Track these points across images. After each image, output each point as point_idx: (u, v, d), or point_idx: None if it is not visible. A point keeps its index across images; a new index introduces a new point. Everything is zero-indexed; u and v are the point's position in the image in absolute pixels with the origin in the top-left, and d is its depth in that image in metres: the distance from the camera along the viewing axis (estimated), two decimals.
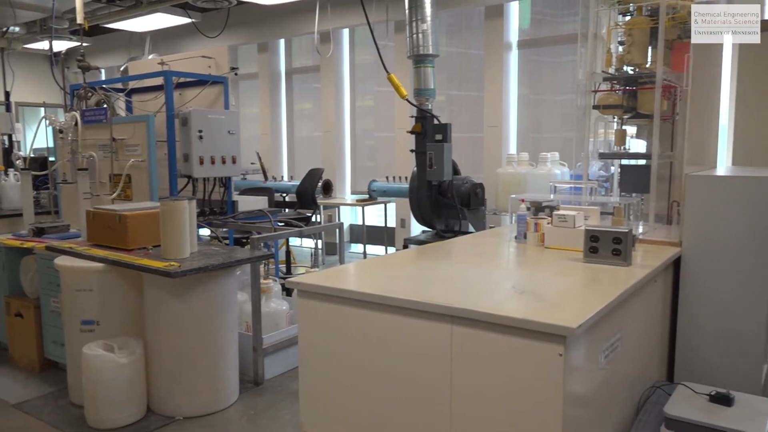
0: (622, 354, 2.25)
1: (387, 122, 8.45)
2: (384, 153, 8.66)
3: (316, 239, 7.78)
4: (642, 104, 3.35)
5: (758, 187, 2.69)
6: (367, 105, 9.00)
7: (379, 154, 8.83)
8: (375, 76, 8.50)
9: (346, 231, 9.07)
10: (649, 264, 2.56)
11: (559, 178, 5.51)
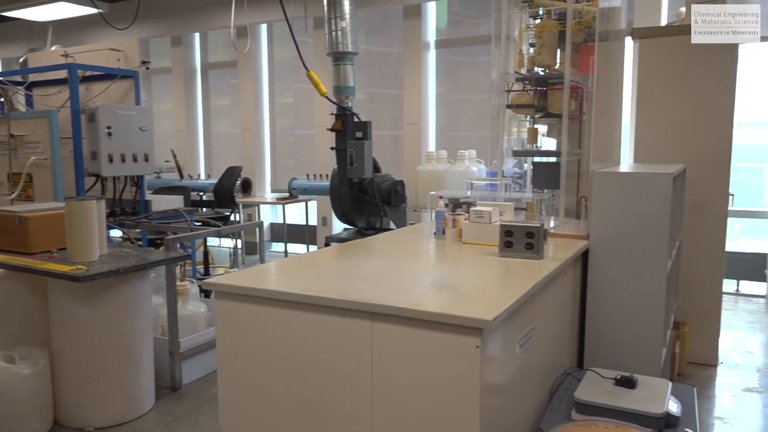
0: (536, 343, 2.34)
1: (307, 120, 8.38)
2: (304, 151, 8.59)
3: (235, 239, 7.60)
4: (552, 104, 3.49)
5: (656, 183, 2.87)
6: (287, 102, 8.89)
7: (300, 151, 8.75)
8: (294, 72, 8.40)
9: (267, 230, 8.93)
10: (560, 257, 2.67)
11: (476, 175, 5.67)
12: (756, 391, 3.82)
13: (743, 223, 7.37)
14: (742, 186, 13.63)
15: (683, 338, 4.03)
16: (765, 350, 4.57)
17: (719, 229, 4.15)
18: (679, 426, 2.22)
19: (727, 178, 4.10)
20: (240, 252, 7.66)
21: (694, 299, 4.17)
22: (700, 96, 4.08)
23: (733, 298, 6.05)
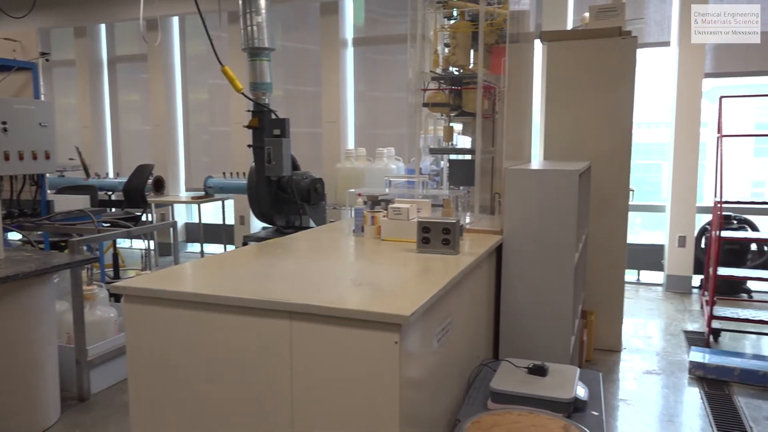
0: (453, 337, 2.40)
1: (222, 116, 8.17)
2: (220, 148, 8.37)
3: (148, 240, 7.29)
4: (466, 103, 3.59)
5: (563, 180, 3.01)
6: (201, 98, 8.62)
7: (215, 149, 8.51)
8: (209, 68, 8.16)
9: (181, 230, 8.63)
10: (475, 252, 2.75)
11: (395, 173, 5.73)
12: (655, 374, 4.09)
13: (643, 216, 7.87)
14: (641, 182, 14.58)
15: (590, 326, 4.25)
16: (663, 335, 4.91)
17: (621, 223, 4.41)
18: (587, 409, 2.35)
19: (627, 174, 4.36)
20: (153, 254, 7.36)
21: (599, 289, 4.42)
22: (603, 97, 4.32)
23: (635, 287, 6.45)
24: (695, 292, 6.17)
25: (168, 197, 7.98)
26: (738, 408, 3.53)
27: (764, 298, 5.69)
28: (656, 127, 9.07)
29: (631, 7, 5.58)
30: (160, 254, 7.75)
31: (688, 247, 6.18)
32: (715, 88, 6.66)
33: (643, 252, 6.60)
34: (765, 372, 3.82)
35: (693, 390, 3.82)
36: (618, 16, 4.32)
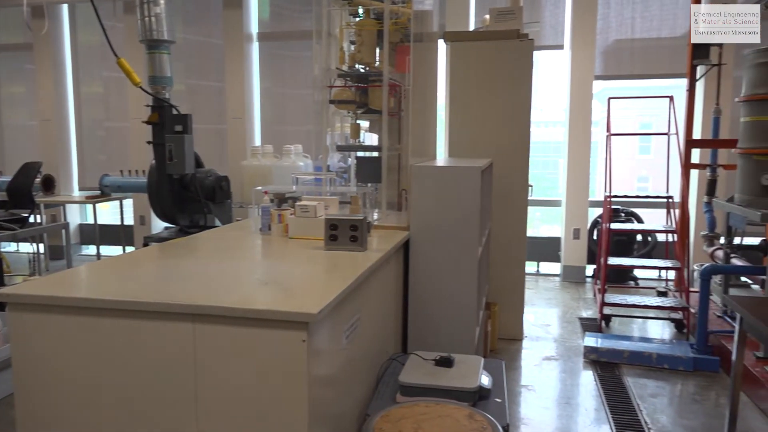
0: (362, 333, 2.42)
1: (120, 111, 7.76)
2: (117, 145, 7.94)
3: (36, 243, 6.80)
4: (372, 101, 3.62)
5: (467, 176, 3.11)
6: (96, 92, 8.13)
7: (112, 146, 8.06)
8: (103, 59, 7.72)
9: (75, 232, 8.12)
10: (383, 248, 2.78)
11: (303, 170, 5.68)
12: (554, 359, 4.32)
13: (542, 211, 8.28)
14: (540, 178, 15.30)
15: (494, 317, 4.42)
16: (560, 323, 5.19)
17: (521, 217, 4.62)
18: (491, 397, 2.44)
19: (526, 171, 4.57)
20: (42, 258, 6.87)
21: (502, 281, 4.60)
22: (503, 96, 4.50)
23: (535, 278, 6.78)
24: (589, 281, 6.58)
25: (59, 197, 7.48)
26: (627, 387, 3.80)
27: (649, 284, 6.15)
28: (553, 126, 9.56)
29: (528, 11, 5.84)
30: (51, 258, 7.25)
31: (581, 239, 6.57)
32: (605, 90, 7.12)
33: (541, 244, 6.95)
34: (650, 353, 4.13)
35: (587, 373, 4.07)
36: (516, 19, 4.51)
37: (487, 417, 2.00)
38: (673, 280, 5.75)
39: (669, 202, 5.37)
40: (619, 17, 6.47)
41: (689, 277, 5.25)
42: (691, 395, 3.72)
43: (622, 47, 6.55)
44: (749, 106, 3.91)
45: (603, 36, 6.51)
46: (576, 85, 6.44)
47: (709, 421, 3.35)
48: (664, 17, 6.38)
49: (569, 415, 3.48)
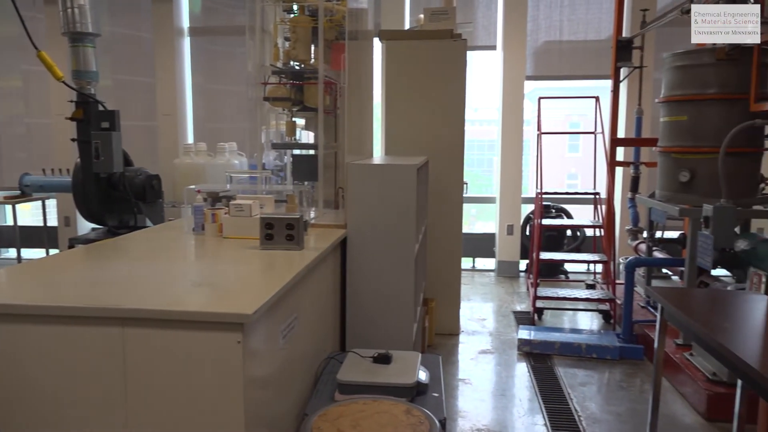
0: (299, 332, 2.40)
1: (41, 107, 7.37)
2: (38, 142, 7.54)
3: None
4: (308, 98, 3.59)
5: (403, 174, 3.14)
6: (14, 86, 7.69)
7: (33, 143, 7.65)
8: (23, 52, 7.30)
9: None
10: (320, 246, 2.77)
11: (238, 168, 5.58)
12: (489, 352, 4.43)
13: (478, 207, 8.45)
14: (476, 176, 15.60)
15: (431, 313, 4.48)
16: (495, 317, 5.32)
17: (457, 214, 4.70)
18: (428, 392, 2.48)
19: (461, 168, 4.65)
20: None
21: (438, 277, 4.67)
22: (438, 95, 4.56)
23: (471, 274, 6.92)
24: (522, 276, 6.77)
25: None
26: (558, 377, 3.93)
27: (578, 277, 6.39)
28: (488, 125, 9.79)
29: (461, 12, 5.95)
30: None
31: (515, 235, 6.76)
32: (535, 90, 7.35)
33: (477, 241, 7.10)
34: (580, 344, 4.30)
35: (521, 365, 4.19)
36: (450, 19, 4.58)
37: (425, 412, 2.02)
38: (600, 273, 6.00)
39: (596, 199, 5.60)
40: (548, 20, 6.69)
41: (615, 270, 5.49)
42: (617, 383, 3.89)
43: (551, 49, 6.77)
44: (668, 106, 4.13)
45: (533, 37, 6.70)
46: (508, 85, 6.61)
47: (634, 406, 3.52)
48: (590, 21, 6.64)
49: (504, 407, 3.57)
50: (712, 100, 3.83)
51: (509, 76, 6.60)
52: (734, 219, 3.40)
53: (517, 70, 6.58)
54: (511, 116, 6.65)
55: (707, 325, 2.32)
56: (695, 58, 3.93)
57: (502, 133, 6.71)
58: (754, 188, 3.93)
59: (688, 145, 3.94)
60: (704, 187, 3.86)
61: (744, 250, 3.49)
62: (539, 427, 3.30)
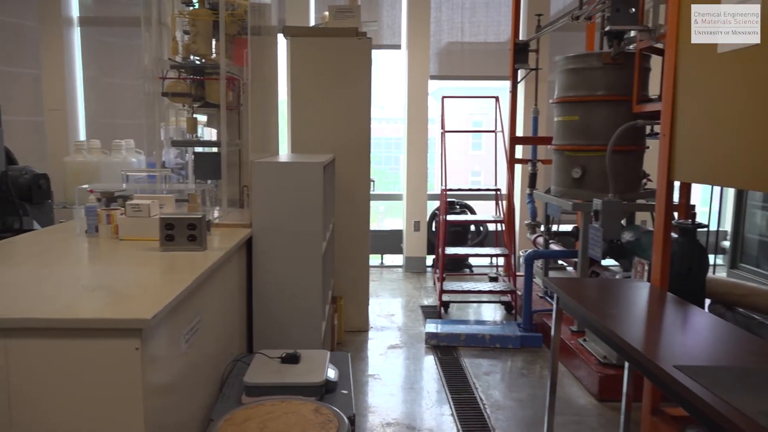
0: (203, 335, 2.33)
1: None
2: None
3: None
4: (210, 94, 3.48)
5: (309, 172, 3.12)
6: None
7: None
8: None
9: None
10: (224, 246, 2.70)
11: (135, 167, 5.31)
12: (398, 347, 4.50)
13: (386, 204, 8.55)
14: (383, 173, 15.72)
15: (340, 310, 4.49)
16: (404, 312, 5.41)
17: (364, 211, 4.73)
18: (337, 389, 2.48)
19: (368, 166, 4.69)
20: None
21: (347, 274, 4.69)
22: (344, 93, 4.56)
23: (379, 270, 6.99)
24: (429, 271, 6.93)
25: None
26: (464, 368, 4.06)
27: (482, 271, 6.63)
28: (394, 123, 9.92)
29: (366, 10, 6.00)
30: None
31: (422, 231, 6.90)
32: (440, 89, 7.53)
33: (385, 237, 7.18)
34: (484, 335, 4.46)
35: (429, 357, 4.29)
36: (354, 17, 4.59)
37: (333, 410, 2.02)
38: (502, 266, 6.25)
39: (497, 195, 5.83)
40: (450, 21, 6.87)
41: (516, 263, 5.74)
42: (519, 370, 4.08)
43: (454, 49, 6.96)
44: (561, 107, 4.37)
45: (436, 38, 6.87)
46: (413, 84, 6.73)
47: (534, 391, 3.70)
48: (489, 24, 6.89)
49: (413, 399, 3.64)
50: (600, 101, 4.10)
51: (414, 76, 6.72)
52: (621, 212, 3.66)
53: (421, 70, 6.72)
54: (416, 115, 6.78)
55: (597, 312, 2.48)
56: (585, 62, 4.18)
57: (407, 132, 6.82)
58: (637, 183, 4.24)
59: (580, 144, 4.19)
60: (595, 183, 4.12)
61: (629, 241, 3.76)
62: (446, 417, 3.39)
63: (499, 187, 5.86)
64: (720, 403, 1.61)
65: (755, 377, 1.81)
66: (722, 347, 2.21)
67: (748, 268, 6.14)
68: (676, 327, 2.51)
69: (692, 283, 3.18)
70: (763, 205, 6.02)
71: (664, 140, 2.89)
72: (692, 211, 3.90)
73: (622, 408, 3.09)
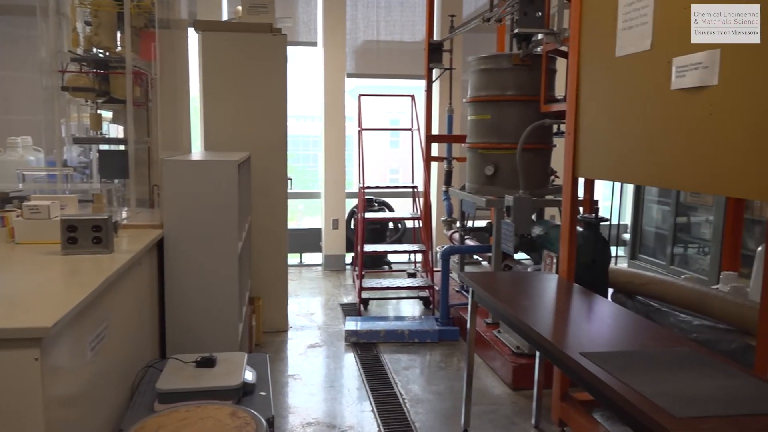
0: (111, 342, 2.21)
1: None
2: None
3: None
4: (115, 89, 3.32)
5: (223, 170, 3.03)
6: None
7: None
8: None
9: None
10: (133, 248, 2.58)
11: (34, 165, 4.98)
12: (318, 346, 4.48)
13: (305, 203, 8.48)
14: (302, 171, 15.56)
15: (258, 311, 4.41)
16: (323, 310, 5.39)
17: (281, 210, 4.66)
18: (255, 392, 2.43)
19: (284, 164, 4.62)
20: None
21: (265, 274, 4.61)
22: (259, 90, 4.48)
23: (298, 269, 6.93)
24: (348, 268, 6.94)
25: None
26: (384, 364, 4.10)
27: (401, 267, 6.71)
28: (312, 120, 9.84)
29: (280, 6, 5.90)
30: None
31: (340, 229, 6.90)
32: (357, 87, 7.54)
33: (304, 236, 7.12)
34: (403, 330, 4.52)
35: (349, 355, 4.29)
36: (268, 12, 4.51)
37: (251, 412, 1.98)
38: (420, 262, 6.35)
39: (414, 192, 5.92)
40: (366, 19, 6.90)
41: (433, 259, 5.86)
42: (437, 363, 4.16)
43: (370, 48, 7.00)
44: (474, 106, 4.49)
45: (353, 36, 6.87)
46: (330, 82, 6.71)
47: (452, 384, 3.79)
48: (404, 23, 6.97)
49: (334, 398, 3.64)
50: (511, 101, 4.25)
51: (330, 73, 6.70)
52: (531, 208, 3.81)
53: (337, 68, 6.71)
54: (333, 113, 6.76)
55: (509, 305, 2.58)
56: (495, 63, 4.32)
57: (325, 130, 6.79)
58: (546, 180, 4.43)
59: (492, 142, 4.33)
60: (506, 180, 4.27)
61: (539, 235, 3.93)
62: (367, 413, 3.41)
63: (416, 184, 5.95)
64: (621, 386, 1.71)
65: (653, 360, 1.94)
66: (624, 334, 2.35)
67: (646, 258, 6.58)
68: (582, 316, 2.65)
69: (596, 274, 3.37)
70: (658, 200, 6.48)
71: (569, 139, 3.04)
72: (596, 206, 4.12)
73: (534, 395, 3.24)
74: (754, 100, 1.94)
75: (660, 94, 2.36)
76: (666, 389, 1.68)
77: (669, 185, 2.54)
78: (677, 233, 6.05)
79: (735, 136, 2.01)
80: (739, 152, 2.00)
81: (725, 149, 2.05)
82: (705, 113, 2.13)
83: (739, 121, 1.99)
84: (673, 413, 1.53)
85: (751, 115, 1.95)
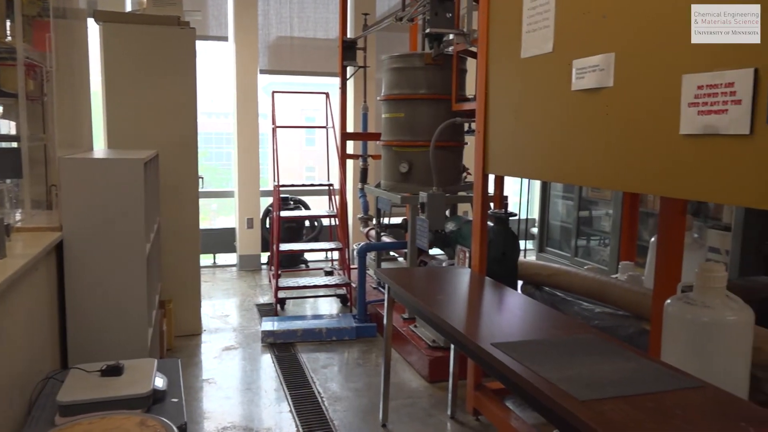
0: (5, 354, 2.06)
1: None
2: None
3: None
4: (5, 82, 3.08)
5: (128, 169, 2.89)
6: None
7: None
8: None
9: None
10: (28, 253, 2.41)
11: None
12: (233, 348, 4.37)
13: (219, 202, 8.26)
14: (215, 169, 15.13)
15: (169, 315, 4.25)
16: (239, 311, 5.27)
17: (192, 210, 4.51)
18: (167, 399, 2.34)
19: (195, 162, 4.48)
20: None
21: (176, 276, 4.44)
22: (166, 85, 4.30)
23: (212, 270, 6.74)
24: (264, 268, 6.82)
25: None
26: (302, 364, 4.07)
27: (318, 266, 6.68)
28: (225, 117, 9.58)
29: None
30: None
31: (255, 228, 6.77)
32: (271, 84, 7.43)
33: (217, 236, 6.93)
34: (320, 329, 4.50)
35: (266, 356, 4.23)
36: (176, 5, 4.35)
37: (161, 420, 1.91)
38: (337, 260, 6.35)
39: (330, 190, 5.91)
40: (279, 15, 6.80)
41: (350, 256, 5.87)
42: (355, 360, 4.18)
43: (284, 44, 6.90)
44: (387, 104, 4.54)
45: (265, 31, 6.75)
46: (242, 78, 6.56)
47: (370, 380, 3.82)
48: (318, 20, 6.93)
49: (251, 400, 3.57)
50: (423, 99, 4.33)
51: (242, 69, 6.55)
52: (444, 204, 3.90)
53: (250, 64, 6.57)
54: (245, 109, 6.62)
55: (424, 299, 2.63)
56: (408, 62, 4.39)
57: (237, 127, 6.64)
58: (458, 177, 4.55)
59: (406, 140, 4.39)
60: (420, 177, 4.35)
61: (452, 231, 4.03)
62: (285, 414, 3.37)
63: (332, 182, 5.94)
64: (529, 374, 1.79)
65: (559, 348, 2.04)
66: (532, 323, 2.46)
67: (552, 251, 6.91)
68: (494, 308, 2.74)
69: (506, 267, 3.50)
70: (563, 195, 6.82)
71: (479, 137, 3.14)
72: (505, 201, 4.28)
73: (450, 387, 3.32)
74: (643, 101, 2.07)
75: (562, 95, 2.47)
76: (570, 374, 1.77)
77: (570, 181, 2.68)
78: (580, 226, 6.40)
79: (626, 135, 2.15)
80: (630, 150, 2.13)
81: (618, 147, 2.19)
82: (602, 113, 2.26)
83: (631, 121, 2.13)
84: (577, 396, 1.61)
85: (640, 114, 2.09)
